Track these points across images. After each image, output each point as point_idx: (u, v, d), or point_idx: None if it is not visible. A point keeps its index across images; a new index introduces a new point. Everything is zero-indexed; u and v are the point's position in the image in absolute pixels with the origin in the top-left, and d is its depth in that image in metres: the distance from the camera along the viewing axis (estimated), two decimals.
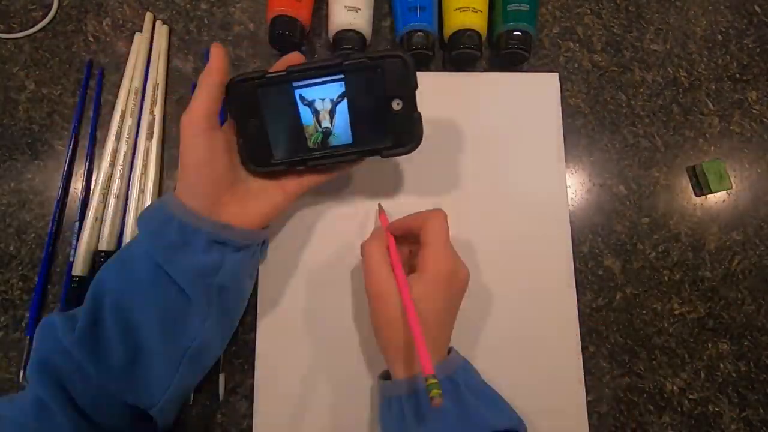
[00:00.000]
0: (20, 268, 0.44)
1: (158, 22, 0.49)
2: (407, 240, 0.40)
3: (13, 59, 0.49)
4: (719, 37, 0.51)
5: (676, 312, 0.45)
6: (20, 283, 0.44)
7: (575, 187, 0.47)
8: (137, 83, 0.47)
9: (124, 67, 0.48)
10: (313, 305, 0.43)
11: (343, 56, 0.36)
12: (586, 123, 0.48)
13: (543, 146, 0.47)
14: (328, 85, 0.37)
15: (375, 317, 0.37)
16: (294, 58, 0.38)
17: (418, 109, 0.37)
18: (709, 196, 0.47)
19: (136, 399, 0.34)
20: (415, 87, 0.37)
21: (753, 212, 0.47)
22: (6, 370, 0.42)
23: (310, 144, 0.38)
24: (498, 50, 0.47)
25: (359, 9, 0.45)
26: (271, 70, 0.37)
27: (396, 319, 0.35)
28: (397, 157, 0.43)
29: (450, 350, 0.37)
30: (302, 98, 0.37)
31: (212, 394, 0.42)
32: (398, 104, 0.37)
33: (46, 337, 0.34)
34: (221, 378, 0.42)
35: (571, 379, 0.42)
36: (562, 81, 0.48)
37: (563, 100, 0.48)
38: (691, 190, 0.48)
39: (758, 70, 0.50)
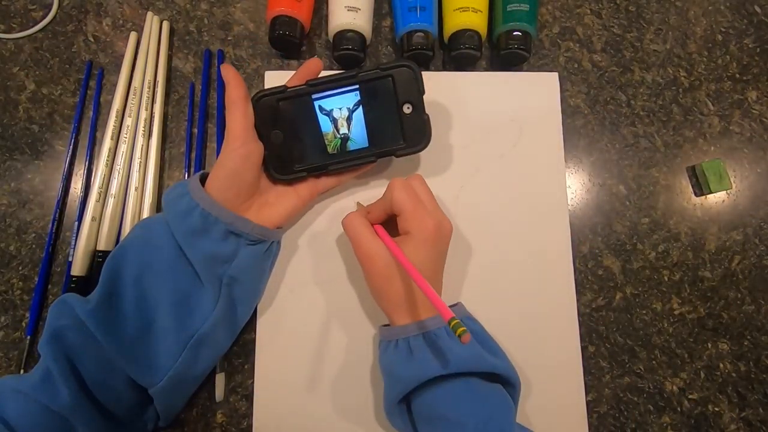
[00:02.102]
0: (20, 268, 0.44)
1: (156, 18, 0.49)
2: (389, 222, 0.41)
3: (13, 59, 0.49)
4: (719, 37, 0.51)
5: (676, 312, 0.45)
6: (20, 283, 0.44)
7: (575, 187, 0.47)
8: (137, 82, 0.47)
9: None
10: (311, 305, 0.43)
11: (357, 68, 0.40)
12: (586, 123, 0.48)
13: (543, 146, 0.47)
14: (344, 95, 0.40)
15: (370, 277, 0.38)
16: (313, 64, 0.41)
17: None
18: (708, 196, 0.47)
19: (139, 375, 0.36)
20: (423, 92, 0.40)
21: (753, 212, 0.47)
22: (6, 370, 0.42)
23: (330, 150, 0.41)
24: (498, 50, 0.47)
25: (359, 9, 0.45)
26: (290, 81, 0.40)
27: (389, 274, 0.37)
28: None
29: (456, 304, 0.40)
30: (321, 108, 0.40)
31: (212, 394, 0.42)
32: (408, 108, 0.40)
33: (61, 313, 0.35)
34: (221, 378, 0.42)
35: (571, 379, 0.42)
36: (562, 81, 0.48)
37: (563, 100, 0.48)
38: (691, 190, 0.48)
39: (758, 70, 0.50)
